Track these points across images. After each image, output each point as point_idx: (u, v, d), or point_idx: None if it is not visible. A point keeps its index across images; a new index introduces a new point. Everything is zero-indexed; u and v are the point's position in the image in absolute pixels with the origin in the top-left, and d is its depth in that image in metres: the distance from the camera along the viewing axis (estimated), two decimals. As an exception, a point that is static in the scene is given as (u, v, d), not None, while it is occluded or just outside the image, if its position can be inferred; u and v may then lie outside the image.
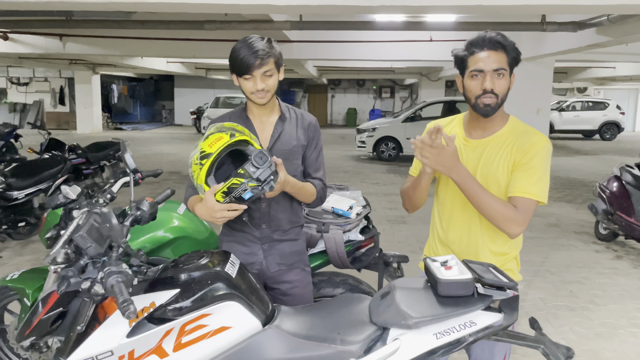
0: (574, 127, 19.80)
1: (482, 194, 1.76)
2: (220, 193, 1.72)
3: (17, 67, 20.15)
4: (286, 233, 2.12)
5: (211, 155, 1.72)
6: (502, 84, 1.80)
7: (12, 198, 5.05)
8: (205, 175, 1.74)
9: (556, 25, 6.45)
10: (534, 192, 1.77)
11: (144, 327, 1.57)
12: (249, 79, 1.93)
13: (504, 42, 1.80)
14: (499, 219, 1.76)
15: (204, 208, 1.78)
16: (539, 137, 1.84)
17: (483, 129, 1.90)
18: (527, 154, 1.80)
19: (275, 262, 2.10)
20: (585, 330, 3.77)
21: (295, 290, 2.12)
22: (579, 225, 6.84)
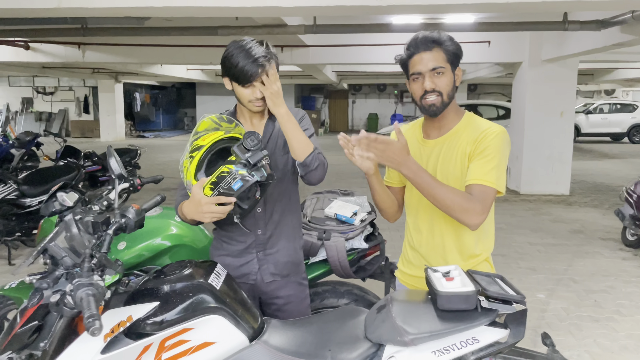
0: (601, 130, 19.27)
1: (435, 186, 1.68)
2: (208, 185, 1.62)
3: (42, 77, 20.59)
4: (282, 240, 2.00)
5: (202, 147, 1.63)
6: (443, 81, 1.78)
7: (25, 205, 5.07)
8: (195, 170, 1.65)
9: (578, 24, 6.23)
10: (490, 180, 1.70)
11: (121, 342, 1.47)
12: (247, 86, 1.82)
13: (438, 38, 1.79)
14: (457, 210, 1.67)
15: (191, 204, 1.68)
16: (492, 126, 1.81)
17: (438, 128, 1.88)
18: (480, 143, 1.76)
19: (270, 272, 1.99)
20: (610, 343, 3.56)
21: (289, 306, 2.01)
22: (605, 232, 6.57)
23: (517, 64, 9.19)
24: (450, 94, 1.81)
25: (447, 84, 1.79)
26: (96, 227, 1.69)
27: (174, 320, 1.49)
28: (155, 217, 2.53)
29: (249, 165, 1.58)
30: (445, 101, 1.80)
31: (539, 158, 8.86)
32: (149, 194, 7.61)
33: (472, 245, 1.86)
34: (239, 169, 1.58)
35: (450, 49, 1.79)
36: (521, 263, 5.26)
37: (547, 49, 8.50)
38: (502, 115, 12.92)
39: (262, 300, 2.02)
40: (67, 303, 1.43)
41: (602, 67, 15.58)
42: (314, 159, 1.84)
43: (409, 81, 1.86)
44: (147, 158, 13.34)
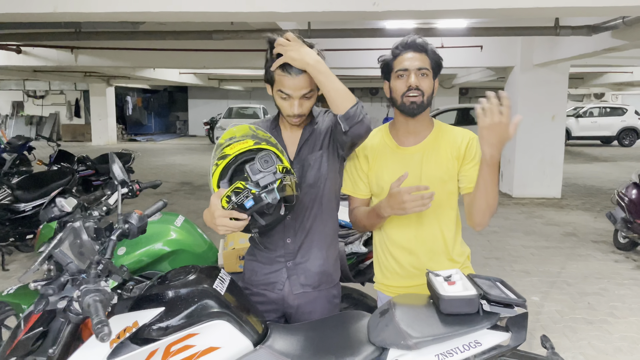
0: (591, 133, 19.45)
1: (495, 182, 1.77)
2: (225, 197, 1.56)
3: (33, 81, 20.47)
4: (314, 249, 1.87)
5: (228, 156, 1.59)
6: (426, 83, 1.85)
7: (19, 210, 5.04)
8: (218, 178, 1.61)
9: (570, 29, 6.31)
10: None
11: (127, 348, 1.48)
12: (285, 98, 1.75)
13: (426, 45, 1.87)
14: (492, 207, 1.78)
15: (208, 213, 1.62)
16: (466, 132, 1.92)
17: (414, 134, 1.92)
18: (469, 149, 1.87)
19: (300, 283, 1.86)
20: (605, 345, 3.60)
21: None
22: (597, 234, 6.64)
23: (508, 68, 9.27)
24: (429, 98, 1.87)
25: (429, 87, 1.86)
26: (99, 232, 1.71)
27: (180, 326, 1.50)
28: (155, 223, 2.53)
29: (258, 187, 1.53)
30: (425, 103, 1.85)
31: (531, 161, 8.94)
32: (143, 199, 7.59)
33: (456, 244, 1.96)
34: (252, 188, 1.52)
35: (434, 58, 1.87)
36: (515, 266, 5.31)
37: (538, 53, 8.58)
38: (494, 119, 12.99)
39: (287, 314, 1.91)
40: (74, 309, 1.44)
41: (593, 72, 15.74)
42: (356, 111, 1.67)
43: (390, 81, 1.90)
44: (140, 162, 13.29)
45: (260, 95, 25.49)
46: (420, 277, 1.88)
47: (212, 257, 2.65)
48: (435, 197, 1.70)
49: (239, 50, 8.41)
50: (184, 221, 2.66)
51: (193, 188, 9.86)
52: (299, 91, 1.73)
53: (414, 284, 1.93)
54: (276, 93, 1.77)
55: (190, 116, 26.31)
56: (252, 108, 20.52)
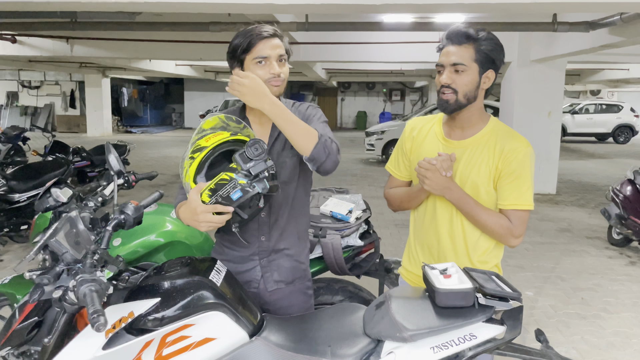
0: (587, 130, 19.53)
1: (478, 211, 1.72)
2: (206, 192, 1.50)
3: (28, 71, 20.35)
4: (287, 246, 1.88)
5: (205, 148, 1.53)
6: (462, 79, 1.71)
7: (13, 201, 5.01)
8: (195, 172, 1.55)
9: (567, 25, 6.31)
10: (526, 203, 1.74)
11: (122, 338, 1.47)
12: (262, 63, 1.69)
13: (473, 34, 1.70)
14: (497, 233, 1.74)
15: (187, 210, 1.56)
16: (520, 141, 1.76)
17: (461, 128, 1.82)
18: (510, 162, 1.72)
19: (274, 280, 1.86)
20: (598, 340, 3.63)
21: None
22: (591, 230, 6.67)
23: (506, 63, 9.28)
24: (468, 95, 1.73)
25: (466, 84, 1.71)
26: (95, 223, 1.70)
27: (175, 317, 1.49)
28: (150, 214, 2.53)
29: (250, 176, 1.48)
30: (461, 101, 1.73)
31: (527, 157, 8.95)
32: (139, 190, 7.57)
33: (483, 253, 1.84)
34: (240, 178, 1.47)
35: (483, 49, 1.71)
36: (509, 261, 5.33)
37: (536, 49, 8.58)
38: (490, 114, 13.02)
39: (264, 310, 1.88)
40: (69, 299, 1.43)
41: (589, 68, 15.78)
42: (320, 151, 1.62)
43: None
44: (136, 154, 13.25)
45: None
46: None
47: (208, 248, 2.64)
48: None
49: (236, 43, 8.35)
50: (179, 213, 2.65)
51: (189, 180, 9.84)
52: (276, 50, 1.71)
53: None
54: (251, 64, 1.71)
55: (186, 108, 26.23)
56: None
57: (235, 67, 1.75)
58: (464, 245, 1.83)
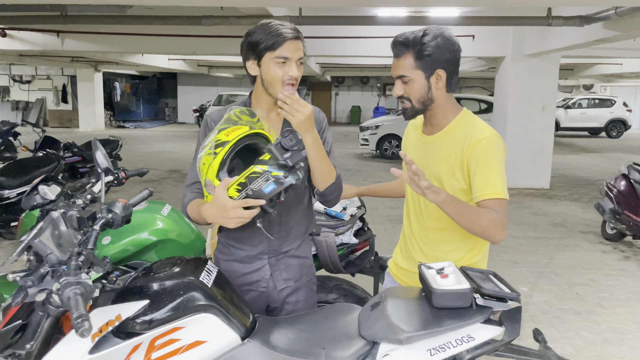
0: (580, 124, 19.60)
1: (465, 213, 1.63)
2: (235, 186, 1.45)
3: (19, 65, 20.13)
4: (294, 246, 1.88)
5: (227, 143, 1.47)
6: (410, 88, 1.75)
7: (3, 197, 4.94)
8: (218, 168, 1.49)
9: (562, 19, 6.28)
10: (497, 191, 1.66)
11: (109, 342, 1.42)
12: (282, 63, 1.67)
13: (410, 41, 1.72)
14: (486, 231, 1.64)
15: (214, 207, 1.50)
16: (482, 130, 1.72)
17: (431, 125, 1.86)
18: (473, 151, 1.69)
19: (282, 278, 1.86)
20: (592, 335, 3.62)
21: (297, 312, 1.89)
22: (585, 225, 6.68)
23: (500, 58, 9.26)
24: (422, 100, 1.75)
25: (416, 91, 1.74)
26: (82, 222, 1.64)
27: (164, 319, 1.45)
28: (141, 212, 2.47)
29: (286, 167, 1.43)
30: (416, 107, 1.77)
31: (521, 152, 8.95)
32: (131, 186, 7.49)
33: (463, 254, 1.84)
34: (273, 170, 1.43)
35: (425, 53, 1.70)
36: (504, 256, 5.32)
37: (530, 43, 8.57)
38: (484, 109, 13.01)
39: (271, 308, 1.90)
40: (53, 302, 1.38)
41: (582, 62, 15.79)
42: (333, 190, 1.76)
43: None
44: (128, 149, 13.15)
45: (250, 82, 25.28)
46: (409, 263, 1.92)
47: (199, 247, 2.60)
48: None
49: (229, 37, 8.26)
50: (170, 210, 2.60)
51: (182, 176, 9.76)
52: (297, 52, 1.70)
53: (407, 268, 1.94)
54: (271, 61, 1.69)
55: (179, 103, 26.08)
56: (242, 96, 20.31)
57: (251, 59, 1.73)
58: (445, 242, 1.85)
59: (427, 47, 1.70)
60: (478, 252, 1.86)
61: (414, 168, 1.56)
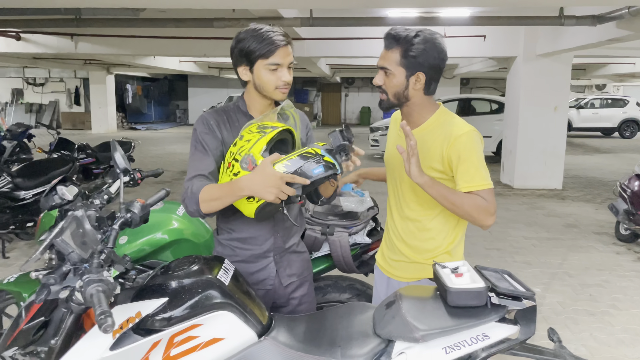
0: (592, 124, 19.40)
1: (451, 195, 1.74)
2: (284, 162, 1.50)
3: (32, 68, 20.35)
4: (295, 242, 1.98)
5: (276, 128, 1.56)
6: (390, 82, 1.80)
7: (19, 198, 5.01)
8: (265, 146, 1.55)
9: (574, 19, 6.24)
10: (479, 183, 1.75)
11: (130, 338, 1.45)
12: (274, 69, 1.73)
13: (402, 38, 1.76)
14: (474, 214, 1.74)
15: (258, 176, 1.51)
16: (459, 127, 1.80)
17: (409, 121, 1.89)
18: (453, 147, 1.76)
19: (287, 275, 1.93)
20: (607, 337, 3.60)
21: (302, 307, 1.98)
22: (598, 226, 6.63)
23: (511, 58, 9.21)
24: (397, 96, 1.81)
25: (393, 86, 1.80)
26: (101, 221, 1.68)
27: (183, 316, 1.47)
28: (157, 212, 2.51)
29: (342, 154, 1.51)
30: (392, 101, 1.82)
31: (533, 152, 8.91)
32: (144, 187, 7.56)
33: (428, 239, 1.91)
34: (326, 155, 1.50)
35: (411, 53, 1.74)
36: (516, 257, 5.30)
37: (542, 43, 8.52)
38: (495, 109, 12.94)
39: (276, 304, 1.96)
40: (76, 299, 1.41)
41: (595, 62, 15.66)
42: (335, 193, 1.92)
43: None
44: (140, 151, 13.25)
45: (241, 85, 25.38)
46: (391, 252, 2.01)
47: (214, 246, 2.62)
48: (413, 187, 1.84)
49: (240, 39, 8.32)
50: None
51: (193, 177, 9.82)
52: (288, 58, 1.76)
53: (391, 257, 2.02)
54: (263, 68, 1.74)
55: (190, 105, 26.22)
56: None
57: (243, 65, 1.78)
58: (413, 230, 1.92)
59: (415, 49, 1.75)
60: (453, 239, 1.92)
61: (413, 143, 1.66)
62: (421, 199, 1.87)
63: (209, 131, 1.80)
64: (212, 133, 1.80)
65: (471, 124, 1.84)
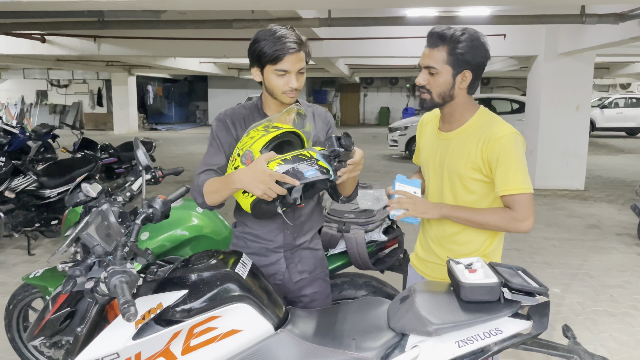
0: (616, 124, 19.04)
1: (474, 217, 1.78)
2: (278, 161, 1.52)
3: (56, 70, 20.78)
4: (308, 239, 1.99)
5: (281, 128, 1.59)
6: (435, 81, 1.77)
7: (44, 196, 5.14)
8: (265, 144, 1.58)
9: (596, 17, 6.17)
10: (516, 186, 1.73)
11: (151, 328, 1.51)
12: (282, 75, 1.76)
13: (449, 36, 1.73)
14: (502, 227, 1.78)
15: (249, 170, 1.55)
16: (501, 128, 1.78)
17: (449, 122, 1.89)
18: (493, 149, 1.75)
19: (297, 271, 1.96)
20: (627, 338, 3.56)
21: (314, 303, 2.00)
22: (620, 227, 6.53)
23: (532, 57, 9.12)
24: (442, 95, 1.79)
25: (439, 85, 1.77)
26: (124, 216, 1.74)
27: (202, 308, 1.52)
28: (177, 209, 2.57)
29: (336, 160, 1.52)
30: (436, 100, 1.80)
31: (554, 152, 8.80)
32: (164, 186, 7.68)
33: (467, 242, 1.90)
34: (320, 159, 1.52)
35: (458, 51, 1.73)
36: (536, 257, 5.25)
37: (563, 42, 8.42)
38: (516, 109, 12.81)
39: (288, 299, 1.98)
40: (100, 290, 1.47)
41: (619, 61, 15.39)
42: (356, 192, 1.97)
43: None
44: (161, 151, 13.44)
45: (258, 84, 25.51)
46: (427, 253, 2.00)
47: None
48: (453, 190, 1.84)
49: (259, 40, 8.41)
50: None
51: (213, 177, 9.93)
52: (297, 64, 1.77)
53: (427, 259, 2.01)
54: (272, 73, 1.78)
55: (210, 106, 26.47)
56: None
57: (255, 67, 1.84)
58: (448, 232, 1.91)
59: (462, 47, 1.73)
60: (491, 242, 1.91)
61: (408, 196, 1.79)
62: (460, 202, 1.86)
63: (224, 128, 1.87)
64: (227, 130, 1.87)
65: None
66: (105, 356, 1.50)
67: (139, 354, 1.51)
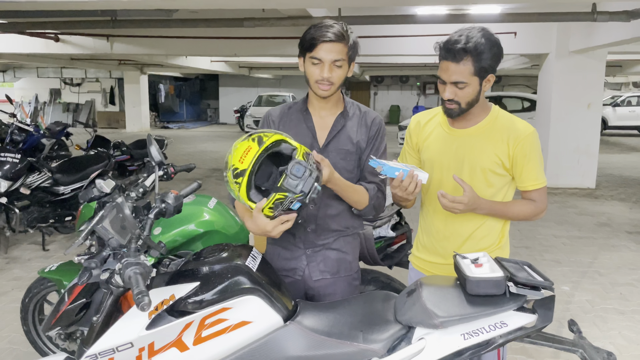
0: (628, 122, 18.85)
1: (507, 210, 1.89)
2: (269, 206, 1.56)
3: (70, 68, 21.02)
4: (332, 240, 1.93)
5: (245, 171, 1.55)
6: (464, 93, 1.79)
7: (58, 193, 5.23)
8: (246, 193, 1.57)
9: (608, 14, 6.13)
10: (542, 181, 1.90)
11: (164, 319, 1.56)
12: (317, 63, 1.77)
13: (472, 48, 1.72)
14: (529, 218, 1.93)
15: (255, 227, 1.64)
16: (524, 126, 1.88)
17: (464, 119, 1.91)
18: (522, 146, 1.85)
19: (319, 270, 1.92)
20: (636, 335, 3.55)
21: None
22: (632, 225, 6.49)
23: (543, 55, 9.07)
24: (471, 102, 1.82)
25: (468, 95, 1.79)
26: (138, 211, 1.78)
27: (214, 300, 1.56)
28: (189, 204, 2.61)
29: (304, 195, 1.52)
30: (464, 109, 1.83)
31: (565, 151, 8.76)
32: (176, 183, 7.76)
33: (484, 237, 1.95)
34: (295, 193, 1.52)
35: (483, 63, 1.74)
36: (546, 255, 5.25)
37: (574, 40, 8.37)
38: (527, 107, 12.74)
39: (309, 296, 1.96)
40: (115, 281, 1.52)
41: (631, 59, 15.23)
42: (368, 211, 1.92)
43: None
44: (173, 149, 13.55)
45: (289, 83, 25.58)
46: (443, 256, 1.99)
47: (243, 238, 2.72)
48: (474, 185, 1.85)
49: (270, 38, 8.45)
50: (216, 203, 2.74)
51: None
52: (330, 55, 1.76)
53: (436, 261, 2.02)
54: (308, 61, 1.80)
55: (221, 104, 26.61)
56: (281, 96, 20.66)
57: (300, 57, 1.86)
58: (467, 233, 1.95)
59: (487, 56, 1.75)
60: (503, 236, 2.00)
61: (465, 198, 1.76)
62: (480, 195, 1.87)
63: (267, 125, 1.94)
64: (270, 127, 1.92)
65: None
66: (119, 345, 1.55)
67: (152, 344, 1.55)
